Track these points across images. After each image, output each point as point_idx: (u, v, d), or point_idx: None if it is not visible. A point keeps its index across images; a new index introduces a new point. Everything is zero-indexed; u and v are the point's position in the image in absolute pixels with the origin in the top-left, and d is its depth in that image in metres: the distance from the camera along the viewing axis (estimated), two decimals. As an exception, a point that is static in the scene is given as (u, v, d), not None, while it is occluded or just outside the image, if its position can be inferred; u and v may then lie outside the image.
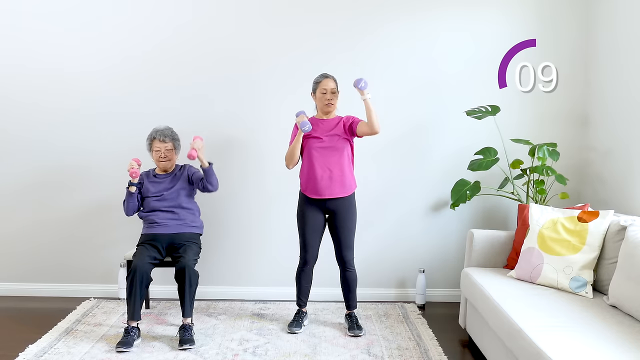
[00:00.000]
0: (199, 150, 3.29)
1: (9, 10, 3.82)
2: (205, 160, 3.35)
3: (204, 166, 3.35)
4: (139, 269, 3.11)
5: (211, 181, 3.38)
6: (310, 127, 3.15)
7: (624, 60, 3.40)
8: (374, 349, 3.12)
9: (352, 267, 3.36)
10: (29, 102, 3.87)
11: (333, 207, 3.28)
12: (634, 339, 2.20)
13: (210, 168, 3.37)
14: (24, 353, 2.99)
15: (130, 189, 3.37)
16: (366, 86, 3.13)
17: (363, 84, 3.11)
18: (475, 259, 3.30)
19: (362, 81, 3.11)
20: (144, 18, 3.83)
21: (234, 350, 3.09)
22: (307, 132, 3.16)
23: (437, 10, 3.84)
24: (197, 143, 3.32)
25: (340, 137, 3.25)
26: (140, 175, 3.46)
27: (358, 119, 3.28)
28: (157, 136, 3.41)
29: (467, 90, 3.87)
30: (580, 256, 2.80)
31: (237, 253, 3.97)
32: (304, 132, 3.18)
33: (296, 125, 3.28)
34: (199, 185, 3.42)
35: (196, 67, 3.85)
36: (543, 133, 3.87)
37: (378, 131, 3.20)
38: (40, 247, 3.97)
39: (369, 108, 3.15)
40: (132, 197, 3.39)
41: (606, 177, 3.60)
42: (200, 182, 3.40)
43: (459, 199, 3.67)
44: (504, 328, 2.47)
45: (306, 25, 3.83)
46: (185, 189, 3.45)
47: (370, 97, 3.16)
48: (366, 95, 3.14)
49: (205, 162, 3.34)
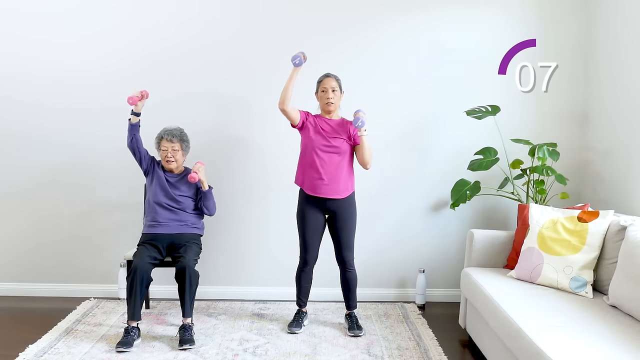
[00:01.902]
0: (200, 173, 3.34)
1: (10, 10, 3.82)
2: (206, 183, 3.40)
3: (204, 189, 3.40)
4: (139, 269, 3.11)
5: (208, 205, 3.44)
6: (300, 60, 3.15)
7: (624, 60, 3.40)
8: (374, 349, 3.12)
9: (352, 267, 3.36)
10: (31, 101, 3.87)
11: (333, 207, 3.28)
12: (634, 339, 2.20)
13: (209, 191, 3.43)
14: (24, 353, 2.99)
15: (132, 120, 3.35)
16: (363, 125, 3.11)
17: (360, 123, 3.09)
18: (475, 259, 3.30)
19: (359, 120, 3.09)
20: (145, 16, 3.83)
21: (234, 350, 3.09)
22: (297, 65, 3.16)
23: (437, 10, 3.85)
24: (199, 167, 3.38)
25: (344, 140, 3.25)
26: (151, 160, 3.46)
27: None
28: (165, 135, 3.41)
29: (467, 90, 3.87)
30: (580, 256, 2.80)
31: (237, 253, 3.97)
32: (294, 66, 3.17)
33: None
34: (198, 204, 3.47)
35: (198, 66, 3.85)
36: (543, 133, 3.87)
37: (368, 168, 3.29)
38: (41, 247, 3.97)
39: (364, 146, 3.20)
40: (134, 128, 3.37)
41: (606, 177, 3.60)
42: (199, 202, 3.46)
43: (459, 199, 3.67)
44: (504, 328, 2.47)
45: (306, 25, 3.83)
46: (190, 189, 3.46)
47: (366, 134, 3.19)
48: (363, 132, 3.18)
49: (206, 185, 3.40)
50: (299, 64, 3.17)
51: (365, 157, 3.23)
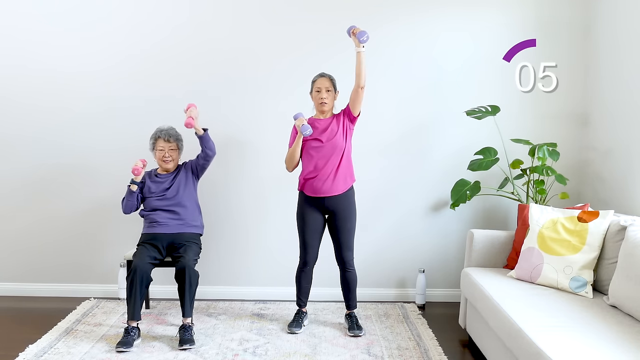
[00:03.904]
0: (195, 119, 3.31)
1: (8, 12, 3.82)
2: (200, 127, 3.36)
3: (199, 133, 3.36)
4: (139, 268, 3.11)
5: (209, 146, 3.41)
6: (311, 131, 3.12)
7: (624, 60, 3.40)
8: (374, 349, 3.12)
9: (352, 267, 3.36)
10: (30, 102, 3.87)
11: (332, 206, 3.28)
12: (634, 339, 2.20)
13: (206, 134, 3.39)
14: (24, 353, 2.99)
15: (132, 188, 3.38)
16: (367, 40, 3.08)
17: (365, 37, 3.06)
18: (475, 259, 3.30)
19: (365, 34, 3.06)
20: (143, 18, 3.82)
21: (234, 350, 3.09)
22: (308, 136, 3.16)
23: (436, 10, 3.84)
24: (193, 111, 3.33)
25: (337, 133, 3.22)
26: (143, 176, 3.46)
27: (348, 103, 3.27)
28: (162, 135, 3.41)
29: (467, 90, 3.87)
30: (580, 256, 2.80)
31: (237, 253, 3.97)
32: (304, 136, 3.17)
33: (295, 128, 3.28)
34: (200, 161, 3.44)
35: (195, 67, 3.85)
36: (543, 133, 3.87)
37: (363, 84, 3.16)
38: (40, 247, 3.97)
39: (360, 60, 3.12)
40: (132, 196, 3.40)
41: (606, 177, 3.60)
42: (201, 156, 3.42)
43: (459, 199, 3.67)
44: (504, 328, 2.47)
45: (305, 25, 3.83)
46: (187, 182, 3.45)
47: (364, 50, 3.13)
48: (361, 48, 3.12)
49: (201, 129, 3.36)
50: (310, 134, 3.12)
51: (362, 73, 3.13)
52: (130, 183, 3.38)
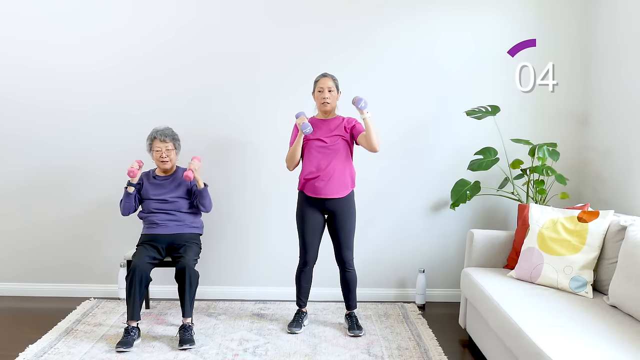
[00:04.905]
0: (196, 172, 3.34)
1: (9, 12, 3.81)
2: (201, 181, 3.38)
3: (199, 187, 3.38)
4: (138, 268, 3.11)
5: (204, 203, 3.41)
6: (311, 129, 3.13)
7: (623, 60, 3.40)
8: (374, 349, 3.12)
9: (351, 267, 3.36)
10: (30, 103, 3.87)
11: (332, 207, 3.28)
12: (634, 339, 2.20)
13: (205, 190, 3.40)
14: (24, 353, 2.99)
15: (129, 189, 3.37)
16: (366, 106, 3.11)
17: (363, 104, 3.09)
18: (475, 259, 3.30)
19: (362, 101, 3.09)
20: (145, 20, 3.82)
21: (234, 350, 3.09)
22: (308, 134, 3.16)
23: (437, 10, 3.84)
24: (195, 164, 3.37)
25: (340, 137, 3.25)
26: (140, 177, 3.46)
27: (360, 125, 3.27)
28: (158, 136, 3.40)
29: (467, 90, 3.87)
30: (580, 256, 2.80)
31: (237, 253, 3.97)
32: (305, 135, 3.18)
33: (296, 126, 3.28)
34: (195, 201, 3.45)
35: (196, 69, 3.84)
36: (543, 133, 3.87)
37: (377, 150, 3.21)
38: (40, 247, 3.97)
39: (369, 127, 3.14)
40: (130, 198, 3.40)
41: (606, 177, 3.60)
42: (195, 200, 3.44)
43: (459, 199, 3.67)
44: (504, 328, 2.47)
45: (306, 25, 3.83)
46: (187, 199, 3.44)
47: (369, 115, 3.14)
48: (366, 114, 3.13)
49: (201, 183, 3.38)
50: (310, 132, 3.13)
51: (373, 139, 3.15)
52: (127, 185, 3.38)
